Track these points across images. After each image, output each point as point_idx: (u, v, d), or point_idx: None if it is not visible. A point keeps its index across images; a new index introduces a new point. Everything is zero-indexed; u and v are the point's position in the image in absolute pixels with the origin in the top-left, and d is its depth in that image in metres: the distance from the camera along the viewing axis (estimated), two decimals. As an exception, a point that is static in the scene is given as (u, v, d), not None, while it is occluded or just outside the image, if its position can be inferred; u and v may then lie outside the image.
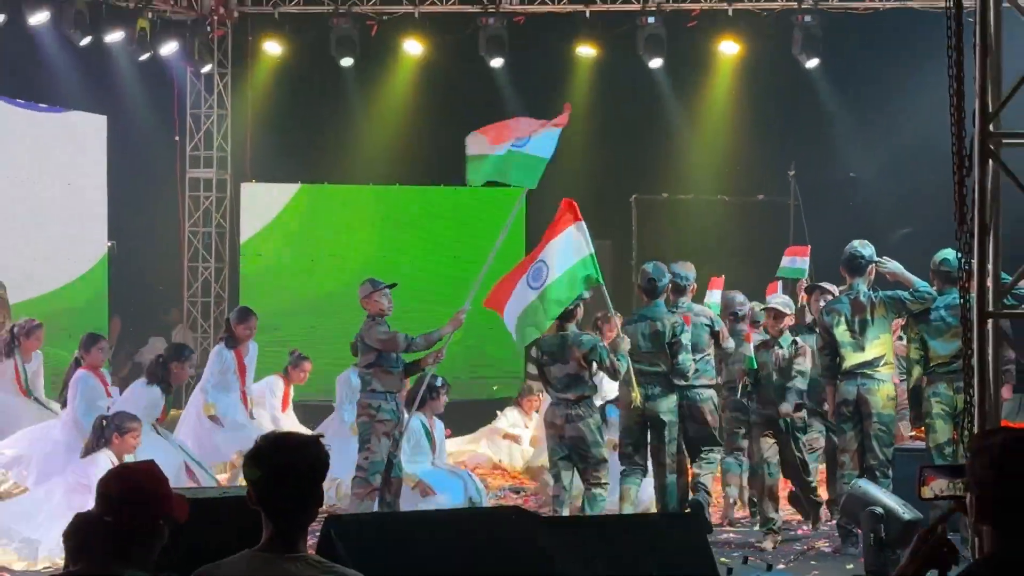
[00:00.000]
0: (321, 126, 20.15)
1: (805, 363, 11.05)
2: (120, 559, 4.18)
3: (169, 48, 19.03)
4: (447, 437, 13.88)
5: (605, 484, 10.95)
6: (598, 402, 11.90)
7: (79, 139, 18.91)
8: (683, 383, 11.23)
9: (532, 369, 18.49)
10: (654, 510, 11.40)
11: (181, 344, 13.38)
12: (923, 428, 10.81)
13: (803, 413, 11.15)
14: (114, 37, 18.21)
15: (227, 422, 13.37)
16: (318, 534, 6.97)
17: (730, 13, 18.45)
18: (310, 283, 19.13)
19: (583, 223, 11.22)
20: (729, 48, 18.72)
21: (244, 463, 4.32)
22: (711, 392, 11.61)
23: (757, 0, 18.39)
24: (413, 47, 19.30)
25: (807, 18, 18.01)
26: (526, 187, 12.46)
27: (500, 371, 18.88)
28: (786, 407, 10.97)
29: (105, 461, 10.43)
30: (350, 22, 18.89)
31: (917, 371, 10.76)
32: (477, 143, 11.90)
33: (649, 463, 11.35)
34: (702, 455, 11.44)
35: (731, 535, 11.58)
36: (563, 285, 10.98)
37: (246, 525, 4.40)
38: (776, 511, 11.12)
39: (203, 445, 13.16)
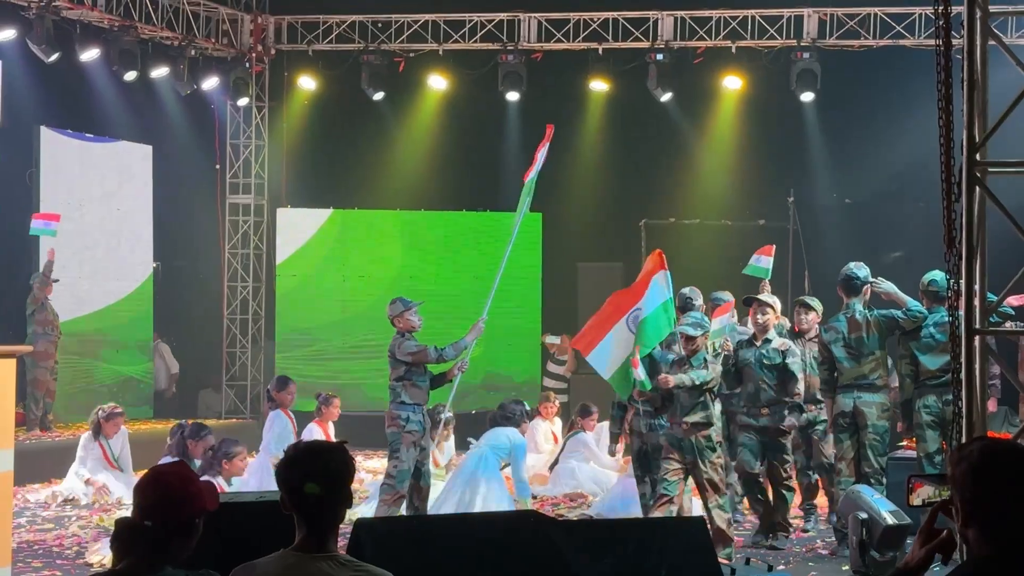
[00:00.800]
0: (352, 155, 20.19)
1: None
2: (160, 556, 4.20)
3: (210, 83, 19.09)
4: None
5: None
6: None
7: (127, 167, 18.99)
8: None
9: (549, 382, 18.56)
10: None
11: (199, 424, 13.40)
12: (914, 439, 10.79)
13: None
14: (160, 72, 18.28)
15: None
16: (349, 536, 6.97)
17: (734, 51, 18.48)
18: (341, 301, 19.16)
19: (667, 272, 11.11)
20: (732, 83, 18.74)
21: (276, 470, 4.34)
22: None
23: (759, 38, 18.42)
24: (437, 82, 19.35)
25: (805, 55, 18.04)
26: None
27: (518, 380, 18.89)
28: (791, 421, 11.00)
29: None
30: (379, 59, 18.95)
31: (908, 385, 10.74)
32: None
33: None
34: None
35: (734, 536, 11.53)
36: (650, 326, 10.94)
37: (281, 527, 4.41)
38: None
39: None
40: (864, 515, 9.44)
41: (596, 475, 14.11)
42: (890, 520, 9.38)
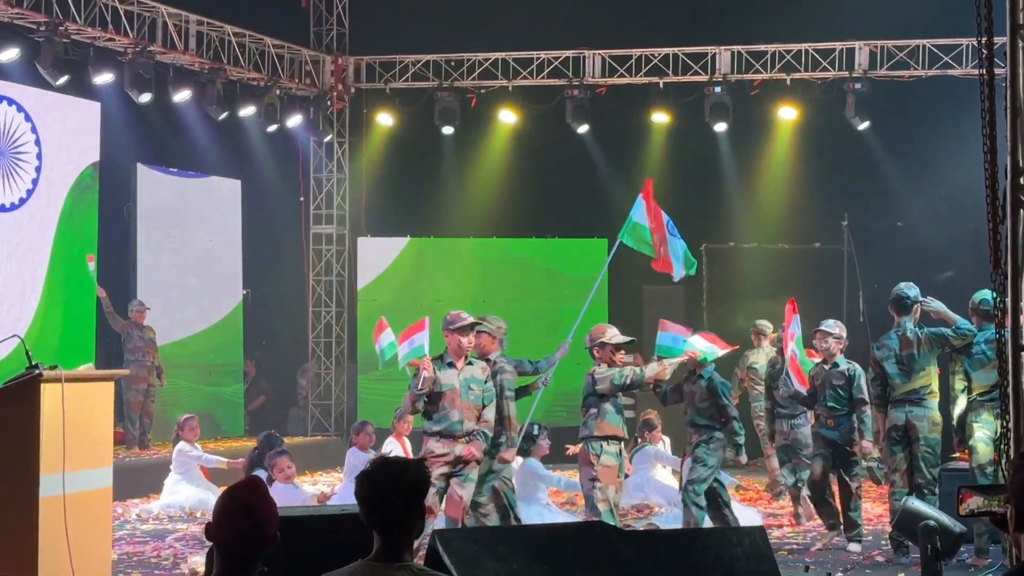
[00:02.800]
0: (427, 186, 20.27)
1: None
2: (245, 569, 4.22)
3: (294, 120, 19.24)
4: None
5: None
6: None
7: (217, 201, 19.18)
8: None
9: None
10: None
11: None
12: (967, 451, 10.68)
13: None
14: (247, 111, 18.44)
15: None
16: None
17: (788, 82, 18.42)
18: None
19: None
20: (787, 113, 18.66)
21: (356, 484, 4.36)
22: None
23: (812, 70, 18.35)
24: (507, 116, 19.40)
25: (858, 85, 17.94)
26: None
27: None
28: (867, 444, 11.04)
29: None
30: (452, 95, 19.04)
31: (962, 400, 10.66)
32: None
33: None
34: None
35: (794, 545, 11.47)
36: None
37: (360, 538, 4.44)
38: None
39: None
40: (933, 524, 9.33)
41: (662, 487, 14.05)
42: (957, 528, 9.29)
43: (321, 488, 14.59)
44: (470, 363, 10.39)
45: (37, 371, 7.65)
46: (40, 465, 7.50)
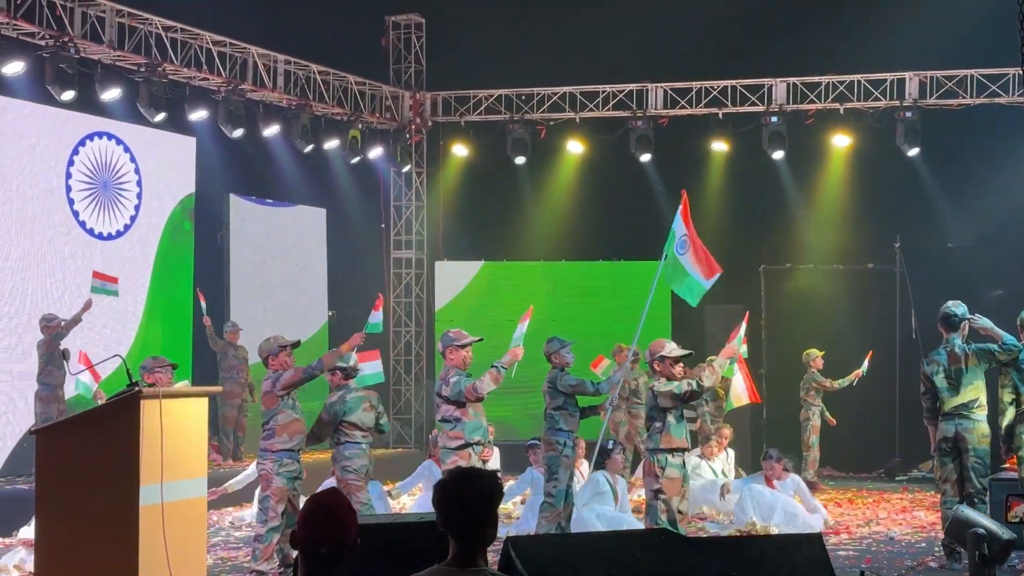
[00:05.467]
0: (500, 213, 20.32)
1: None
2: (326, 573, 4.24)
3: (376, 152, 19.37)
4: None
5: None
6: None
7: (304, 228, 19.33)
8: None
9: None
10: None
11: None
12: (1015, 459, 10.53)
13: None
14: (331, 144, 18.58)
15: None
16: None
17: (842, 112, 18.31)
18: (492, 343, 19.18)
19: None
20: (841, 141, 18.54)
21: (434, 493, 4.37)
22: None
23: (865, 100, 18.22)
24: (575, 147, 19.43)
25: (908, 114, 17.81)
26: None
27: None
28: None
29: None
30: (523, 127, 19.11)
31: (1010, 412, 10.51)
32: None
33: None
34: None
35: (850, 552, 11.35)
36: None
37: (436, 544, 4.45)
38: None
39: None
40: (982, 531, 9.20)
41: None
42: (1006, 535, 9.15)
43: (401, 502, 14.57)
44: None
45: (137, 388, 7.75)
46: (140, 476, 7.58)
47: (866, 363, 15.87)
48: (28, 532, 9.98)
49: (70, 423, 8.34)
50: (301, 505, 9.61)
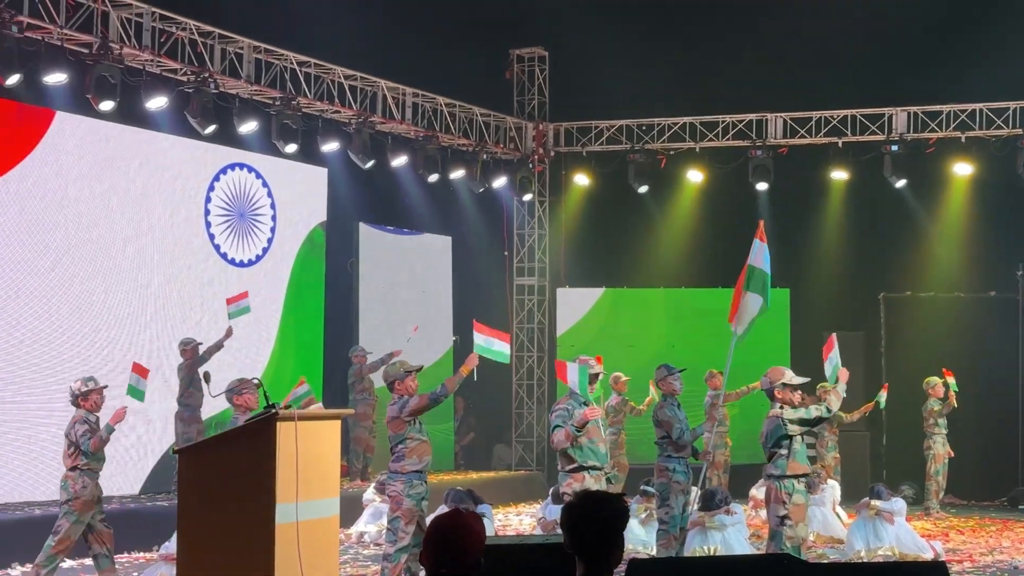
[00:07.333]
0: (621, 241, 20.30)
1: None
2: None
3: (500, 181, 19.49)
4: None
5: None
6: None
7: (430, 255, 19.52)
8: None
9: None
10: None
11: None
12: None
13: None
14: (457, 174, 18.74)
15: None
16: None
17: (963, 140, 17.98)
18: (611, 368, 19.16)
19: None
20: (963, 169, 18.19)
21: (561, 515, 4.39)
22: None
23: (986, 129, 17.88)
24: (695, 175, 19.36)
25: (1031, 141, 17.45)
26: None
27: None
28: None
29: None
30: (644, 157, 19.09)
31: None
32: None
33: None
34: None
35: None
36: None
37: (563, 566, 4.46)
38: None
39: None
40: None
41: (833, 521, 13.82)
42: None
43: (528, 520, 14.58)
44: None
45: (274, 411, 7.89)
46: (276, 495, 7.70)
47: (883, 394, 15.44)
48: (169, 547, 10.18)
49: (210, 443, 8.50)
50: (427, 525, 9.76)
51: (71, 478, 9.85)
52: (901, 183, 18.22)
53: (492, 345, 10.41)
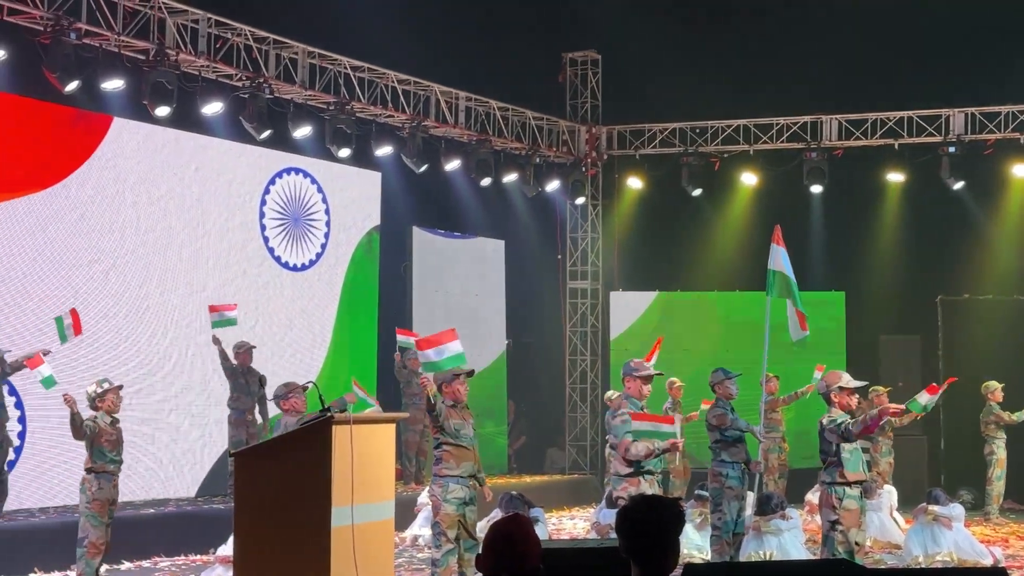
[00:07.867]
0: (674, 245, 20.20)
1: None
2: None
3: (552, 185, 19.46)
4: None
5: None
6: None
7: (483, 259, 19.51)
8: None
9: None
10: None
11: None
12: None
13: None
14: (510, 178, 18.73)
15: None
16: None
17: (1022, 141, 17.74)
18: (666, 373, 19.05)
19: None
20: (1021, 171, 17.93)
21: (617, 519, 4.35)
22: None
23: (1045, 129, 17.67)
24: (749, 178, 19.23)
25: (1092, 142, 17.20)
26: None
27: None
28: None
29: None
30: (697, 160, 18.99)
31: None
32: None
33: None
34: None
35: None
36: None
37: (619, 570, 4.42)
38: None
39: None
40: None
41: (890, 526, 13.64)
42: None
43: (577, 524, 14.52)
44: None
45: (329, 414, 7.88)
46: (332, 497, 7.69)
47: (925, 395, 15.14)
48: (225, 550, 10.21)
49: (266, 446, 8.53)
50: (477, 528, 9.73)
51: (87, 480, 10.02)
52: (959, 185, 18.00)
53: (442, 355, 10.19)
